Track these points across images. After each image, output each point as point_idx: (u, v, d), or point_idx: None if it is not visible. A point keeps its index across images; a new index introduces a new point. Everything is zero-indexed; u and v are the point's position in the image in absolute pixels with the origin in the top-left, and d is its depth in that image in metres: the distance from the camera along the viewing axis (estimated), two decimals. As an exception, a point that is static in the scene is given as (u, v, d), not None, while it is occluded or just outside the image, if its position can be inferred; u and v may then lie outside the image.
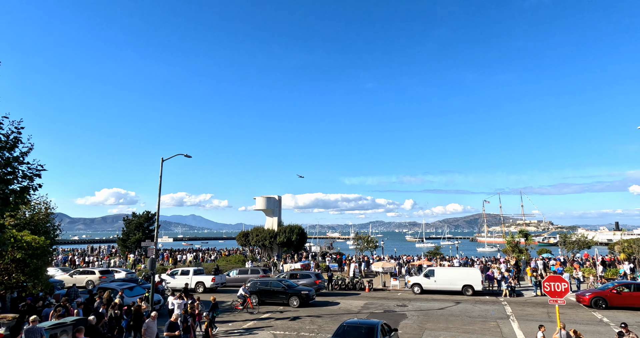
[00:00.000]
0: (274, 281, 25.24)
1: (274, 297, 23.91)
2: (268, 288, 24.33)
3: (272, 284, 24.64)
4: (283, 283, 24.57)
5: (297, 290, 23.97)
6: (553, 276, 14.53)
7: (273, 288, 24.20)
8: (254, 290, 24.25)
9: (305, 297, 23.47)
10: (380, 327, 12.83)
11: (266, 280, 25.51)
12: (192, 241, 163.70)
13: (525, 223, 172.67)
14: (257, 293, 23.97)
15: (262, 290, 24.24)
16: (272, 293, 24.04)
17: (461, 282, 27.69)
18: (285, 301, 23.62)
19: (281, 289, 23.99)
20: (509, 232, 56.94)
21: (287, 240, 51.03)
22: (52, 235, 25.44)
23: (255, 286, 24.58)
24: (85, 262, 49.14)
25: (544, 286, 14.26)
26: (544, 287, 14.26)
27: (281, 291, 23.87)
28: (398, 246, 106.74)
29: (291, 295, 23.55)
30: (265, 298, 23.94)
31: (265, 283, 24.83)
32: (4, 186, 8.75)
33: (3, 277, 15.27)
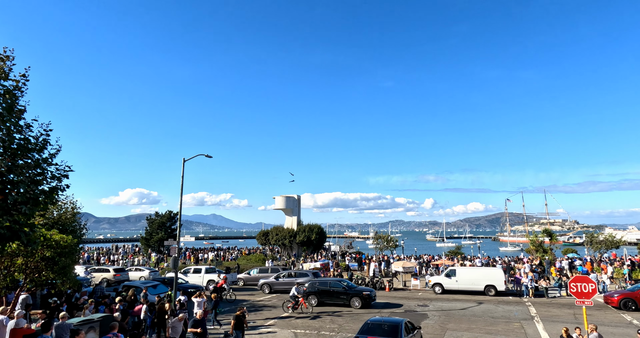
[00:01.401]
0: (333, 281, 24.44)
1: (334, 298, 23.17)
2: (327, 288, 23.57)
3: (331, 284, 23.87)
4: (343, 284, 23.80)
5: (358, 290, 23.19)
6: (580, 277, 14.15)
7: (333, 289, 23.42)
8: (313, 290, 23.66)
9: (367, 297, 22.58)
10: (404, 324, 13.06)
11: (325, 280, 24.82)
12: (213, 240, 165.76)
13: (549, 222, 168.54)
14: (316, 294, 23.43)
15: (321, 291, 23.54)
16: (331, 294, 23.29)
17: (483, 282, 27.24)
18: (346, 302, 22.85)
19: (341, 290, 23.21)
20: (533, 231, 55.63)
21: (307, 239, 51.16)
22: (78, 234, 26.18)
23: (314, 287, 23.94)
24: (110, 261, 50.39)
25: (570, 287, 13.91)
26: (570, 288, 13.90)
27: (341, 292, 23.10)
28: (418, 246, 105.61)
29: (352, 296, 22.76)
30: (324, 299, 23.30)
31: (324, 284, 24.14)
32: (34, 186, 9.02)
33: (34, 275, 15.77)
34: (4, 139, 8.38)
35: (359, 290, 23.26)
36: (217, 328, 17.59)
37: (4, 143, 8.42)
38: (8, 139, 8.55)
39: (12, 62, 9.04)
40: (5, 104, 8.61)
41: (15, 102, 8.98)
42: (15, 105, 8.96)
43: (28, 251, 14.58)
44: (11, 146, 8.72)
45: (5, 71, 8.86)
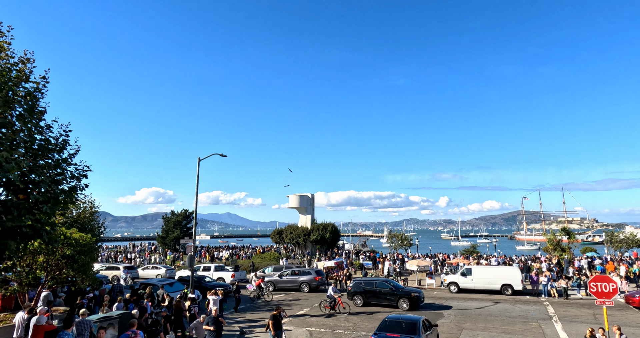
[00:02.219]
0: (380, 281, 23.62)
1: (381, 299, 22.45)
2: (374, 288, 22.84)
3: (377, 284, 23.09)
4: (390, 284, 22.97)
5: (406, 291, 22.34)
6: (600, 276, 13.86)
7: (379, 289, 22.67)
8: (358, 290, 23.15)
9: (415, 299, 21.70)
10: (422, 322, 13.16)
11: (371, 280, 24.00)
12: (227, 239, 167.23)
13: (567, 221, 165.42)
14: (362, 294, 22.88)
15: (367, 291, 22.88)
16: (378, 294, 22.56)
17: (500, 281, 26.90)
18: (393, 303, 22.04)
19: (389, 290, 22.42)
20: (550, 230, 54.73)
21: (321, 237, 51.18)
22: (97, 232, 26.69)
23: (359, 287, 23.31)
24: (128, 259, 51.22)
25: (590, 286, 13.64)
26: (590, 288, 13.64)
27: (389, 293, 22.32)
28: (433, 245, 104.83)
29: (400, 297, 21.92)
30: (371, 300, 22.68)
31: (370, 283, 23.38)
32: (55, 186, 9.24)
33: (54, 272, 16.14)
34: (25, 140, 8.58)
35: (407, 290, 22.47)
36: (232, 326, 17.74)
37: (26, 143, 8.62)
38: (29, 140, 8.76)
39: (33, 64, 9.26)
40: (27, 106, 8.82)
41: (36, 103, 9.20)
42: (36, 106, 9.18)
43: (49, 249, 14.93)
44: (32, 146, 8.93)
45: (26, 74, 9.08)
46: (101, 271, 30.94)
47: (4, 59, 8.68)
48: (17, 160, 7.88)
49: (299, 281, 28.48)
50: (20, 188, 8.41)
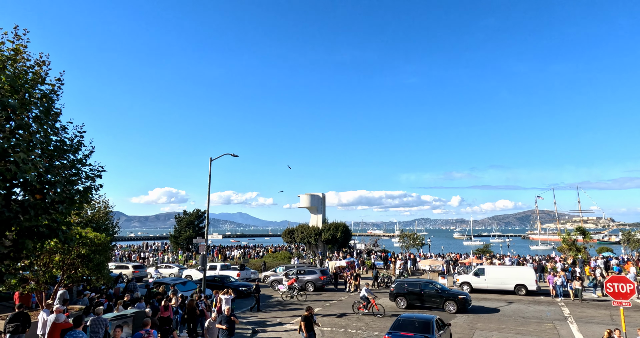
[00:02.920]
0: (424, 282, 22.62)
1: (425, 301, 21.64)
2: (418, 290, 21.98)
3: (422, 286, 22.15)
4: (435, 285, 22.06)
5: (453, 293, 21.42)
6: (617, 277, 13.62)
7: (424, 291, 21.81)
8: (401, 291, 22.30)
9: (463, 301, 20.79)
10: (435, 321, 13.16)
11: (415, 281, 22.98)
12: (239, 238, 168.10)
13: (582, 220, 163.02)
14: (405, 296, 22.04)
15: (411, 292, 22.03)
16: (422, 296, 21.74)
17: (513, 281, 26.58)
18: (439, 305, 21.20)
19: (434, 292, 21.55)
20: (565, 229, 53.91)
21: (332, 237, 51.15)
22: (111, 232, 27.10)
23: (401, 288, 22.43)
24: (141, 258, 51.86)
25: (607, 287, 13.41)
26: (607, 288, 13.41)
27: (434, 295, 21.46)
28: (445, 244, 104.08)
29: (446, 299, 21.07)
30: (414, 302, 21.88)
31: (413, 285, 22.42)
32: (70, 186, 9.38)
33: (70, 271, 16.43)
34: (41, 141, 8.73)
35: (454, 293, 21.54)
36: (244, 325, 17.84)
37: (42, 144, 8.77)
38: (45, 141, 8.91)
39: (48, 67, 9.42)
40: (43, 108, 8.98)
41: (52, 105, 9.36)
42: (52, 108, 9.33)
43: (65, 248, 15.20)
44: (48, 147, 9.09)
45: (42, 76, 9.24)
46: (113, 271, 31.42)
47: (21, 62, 8.85)
48: (33, 161, 8.02)
49: (304, 280, 28.58)
50: (37, 188, 8.56)
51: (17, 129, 8.24)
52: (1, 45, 8.52)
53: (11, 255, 8.62)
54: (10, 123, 8.15)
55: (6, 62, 8.51)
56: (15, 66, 8.69)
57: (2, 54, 8.48)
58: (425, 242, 55.84)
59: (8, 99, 7.81)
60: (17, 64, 8.76)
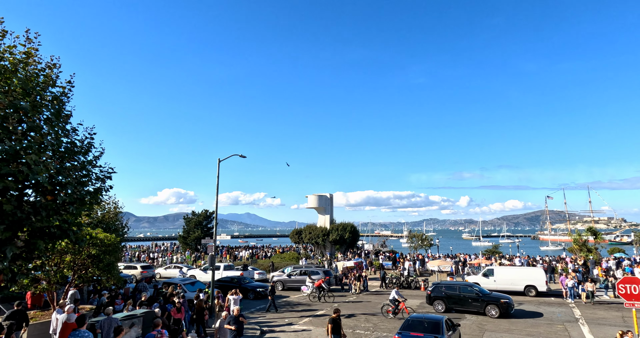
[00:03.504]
0: (463, 285, 21.74)
1: (465, 305, 20.74)
2: (457, 293, 21.18)
3: (461, 289, 21.34)
4: (474, 288, 21.21)
5: (495, 297, 20.40)
6: (629, 278, 13.42)
7: (463, 294, 20.96)
8: (439, 295, 21.48)
9: (505, 305, 19.80)
10: (445, 321, 13.16)
11: (453, 284, 22.18)
12: (247, 239, 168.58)
13: (593, 220, 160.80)
14: (443, 300, 21.26)
15: (449, 296, 21.25)
16: (462, 300, 20.87)
17: (523, 282, 26.34)
18: (480, 310, 20.27)
19: (474, 296, 20.66)
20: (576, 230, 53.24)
21: (340, 237, 51.13)
22: (121, 232, 27.34)
23: (439, 291, 21.66)
24: (150, 258, 52.23)
25: (619, 288, 13.23)
26: (619, 289, 13.22)
27: (474, 298, 20.56)
28: (454, 245, 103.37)
29: (488, 303, 20.10)
30: (453, 306, 21.10)
31: (452, 288, 21.60)
32: (81, 187, 9.47)
33: (81, 271, 16.60)
34: (53, 143, 8.83)
35: (495, 296, 20.58)
36: (253, 326, 17.89)
37: (53, 146, 8.87)
38: (56, 143, 9.01)
39: (59, 69, 9.53)
40: (54, 110, 9.08)
41: (63, 107, 9.46)
42: (63, 110, 9.43)
43: (76, 249, 15.36)
44: (59, 149, 9.18)
45: (53, 78, 9.35)
46: (123, 271, 31.68)
47: (32, 65, 8.96)
48: (45, 162, 8.11)
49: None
50: (48, 189, 8.66)
51: (29, 131, 8.34)
52: (13, 48, 8.63)
53: (23, 255, 8.72)
54: (23, 125, 8.26)
55: (18, 66, 8.63)
56: (26, 69, 8.80)
57: (14, 58, 8.60)
58: (433, 243, 55.56)
59: (20, 102, 7.91)
60: (29, 67, 8.87)
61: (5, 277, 8.16)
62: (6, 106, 7.70)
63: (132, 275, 30.52)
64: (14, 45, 8.66)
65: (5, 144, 7.51)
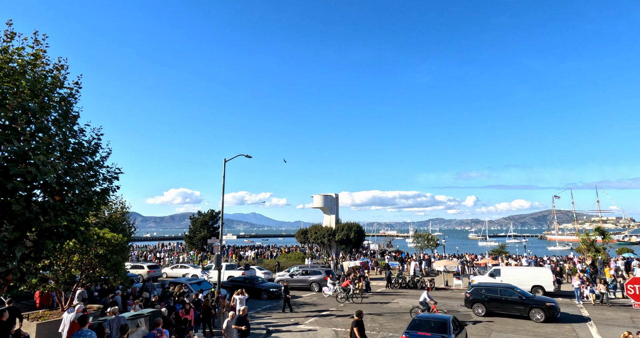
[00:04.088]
0: (504, 287, 20.63)
1: (507, 308, 19.63)
2: (498, 296, 20.05)
3: (502, 291, 20.20)
4: (517, 291, 20.11)
5: (539, 300, 19.40)
6: (638, 278, 13.31)
7: (505, 297, 19.85)
8: (478, 297, 20.43)
9: (551, 309, 18.70)
10: (451, 321, 13.17)
11: (493, 286, 21.00)
12: (253, 239, 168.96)
13: (601, 220, 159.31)
14: (484, 302, 20.20)
15: (491, 299, 20.12)
16: (504, 303, 19.75)
17: (530, 282, 26.15)
18: (523, 313, 19.21)
19: (517, 299, 19.61)
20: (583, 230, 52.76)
21: (346, 237, 51.09)
22: (128, 232, 27.51)
23: (479, 294, 20.59)
24: (157, 258, 52.51)
25: (627, 288, 13.12)
26: (628, 290, 13.12)
27: (517, 302, 19.51)
28: (460, 245, 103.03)
29: (532, 307, 19.05)
30: (494, 309, 19.91)
31: (493, 290, 20.49)
32: (88, 188, 9.53)
33: (88, 271, 16.73)
34: (60, 144, 8.90)
35: (540, 299, 19.54)
36: (259, 326, 17.93)
37: (61, 147, 8.93)
38: (64, 143, 9.07)
39: (66, 71, 9.60)
40: (61, 111, 9.15)
41: (70, 108, 9.52)
42: (70, 111, 9.50)
43: (83, 248, 15.48)
44: (67, 150, 9.25)
45: (61, 80, 9.41)
46: (130, 271, 31.87)
47: (40, 67, 9.03)
48: (53, 163, 8.16)
49: (309, 280, 28.60)
50: (56, 190, 8.72)
51: (37, 132, 8.40)
52: (21, 50, 8.71)
53: (32, 255, 8.79)
54: (31, 126, 8.32)
55: (26, 67, 8.70)
56: (35, 70, 8.87)
57: (23, 59, 8.67)
58: (439, 243, 55.38)
59: (28, 103, 7.98)
60: (37, 69, 8.94)
61: (14, 277, 8.23)
62: (15, 107, 7.76)
63: (139, 275, 30.69)
64: (23, 47, 8.74)
65: (14, 145, 7.58)
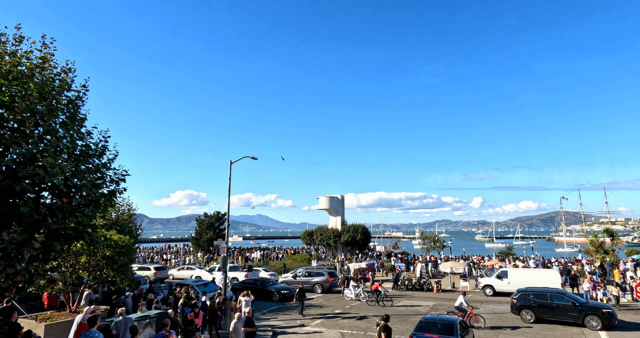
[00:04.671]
0: (554, 293, 19.32)
1: (560, 315, 18.51)
2: (548, 301, 18.91)
3: (552, 297, 19.02)
4: (568, 296, 18.88)
5: (594, 307, 18.22)
6: (647, 280, 13.13)
7: (556, 303, 18.71)
8: (525, 303, 19.37)
9: (608, 316, 17.48)
10: (459, 323, 13.21)
11: (542, 291, 19.71)
12: (259, 240, 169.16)
13: (610, 221, 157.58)
14: (532, 309, 19.10)
15: (540, 305, 19.00)
16: (555, 309, 18.64)
17: (538, 284, 25.88)
18: (577, 321, 18.01)
19: (569, 305, 18.36)
20: (592, 231, 52.18)
21: (352, 239, 51.00)
22: (134, 234, 27.67)
23: (526, 299, 19.45)
24: (164, 259, 52.72)
25: (637, 291, 12.96)
26: (637, 292, 12.96)
27: (570, 308, 18.31)
28: (467, 246, 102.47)
29: (587, 314, 17.87)
30: (545, 316, 18.84)
31: (542, 296, 19.30)
32: (95, 190, 9.59)
33: (96, 272, 16.84)
34: (68, 146, 8.97)
35: (594, 306, 18.40)
36: (265, 327, 17.93)
37: (68, 149, 9.01)
38: (72, 146, 9.15)
39: (74, 74, 9.69)
40: (69, 114, 9.23)
41: (77, 111, 9.61)
42: (78, 114, 9.58)
43: (91, 250, 15.58)
44: (74, 152, 9.32)
45: (68, 83, 9.50)
46: (136, 272, 32.00)
47: (48, 70, 9.12)
48: (60, 165, 8.23)
49: (312, 282, 28.58)
50: (64, 192, 8.79)
51: (45, 135, 8.48)
52: (30, 54, 8.80)
53: (40, 256, 8.86)
54: (39, 129, 8.40)
55: (34, 70, 8.79)
56: (43, 73, 8.96)
57: (31, 63, 8.77)
58: (446, 244, 55.08)
59: (36, 106, 8.05)
60: (45, 72, 9.03)
61: (22, 278, 8.30)
62: (23, 110, 7.84)
63: (145, 276, 30.83)
64: (31, 50, 8.83)
65: (23, 147, 7.65)
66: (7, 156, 7.88)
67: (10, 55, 8.47)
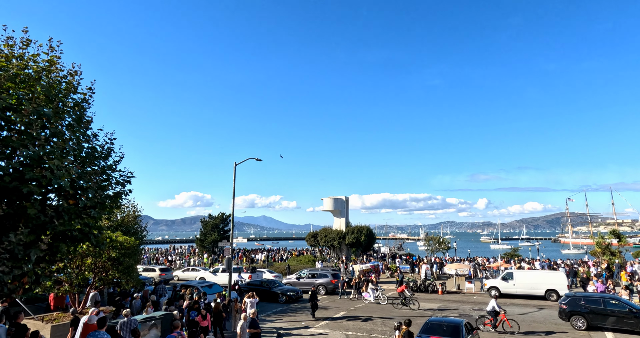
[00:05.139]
0: (607, 298, 18.22)
1: (615, 322, 17.37)
2: (601, 307, 17.80)
3: (605, 303, 17.86)
4: (623, 303, 17.79)
5: None
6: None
7: (610, 309, 17.58)
8: (577, 309, 18.21)
9: None
10: (464, 325, 13.20)
11: (594, 297, 18.62)
12: (263, 242, 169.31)
13: (616, 223, 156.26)
14: (584, 315, 17.98)
15: (592, 311, 17.89)
16: (611, 316, 17.49)
17: (544, 286, 25.79)
18: (635, 328, 16.97)
19: (626, 311, 17.27)
20: (598, 233, 51.76)
21: (356, 240, 50.91)
22: (140, 235, 27.76)
23: (576, 305, 18.34)
24: (169, 261, 52.89)
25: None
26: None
27: (626, 315, 17.17)
28: (472, 248, 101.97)
29: None
30: (598, 322, 17.72)
31: (594, 301, 18.15)
32: (101, 191, 9.65)
33: (101, 274, 16.93)
34: (74, 148, 9.03)
35: None
36: (270, 329, 17.93)
37: (75, 151, 9.07)
38: (78, 148, 9.21)
39: (80, 76, 9.76)
40: (75, 116, 9.30)
41: (84, 113, 9.68)
42: (84, 116, 9.65)
43: (96, 251, 15.68)
44: (80, 154, 9.38)
45: (74, 85, 9.58)
46: (142, 273, 32.11)
47: (55, 73, 9.20)
48: (67, 167, 8.29)
49: (316, 283, 28.60)
50: (70, 193, 8.85)
51: (51, 137, 8.54)
52: (36, 57, 8.88)
53: (47, 258, 8.92)
54: (46, 131, 8.47)
55: (41, 73, 8.87)
56: (49, 76, 9.04)
57: (38, 66, 8.85)
58: (451, 246, 54.85)
59: (43, 108, 8.12)
60: (52, 75, 9.10)
61: (29, 279, 8.36)
62: (30, 113, 7.91)
63: (151, 277, 30.93)
64: (38, 53, 8.91)
65: (30, 149, 7.71)
66: (14, 158, 7.95)
67: (17, 58, 8.55)
